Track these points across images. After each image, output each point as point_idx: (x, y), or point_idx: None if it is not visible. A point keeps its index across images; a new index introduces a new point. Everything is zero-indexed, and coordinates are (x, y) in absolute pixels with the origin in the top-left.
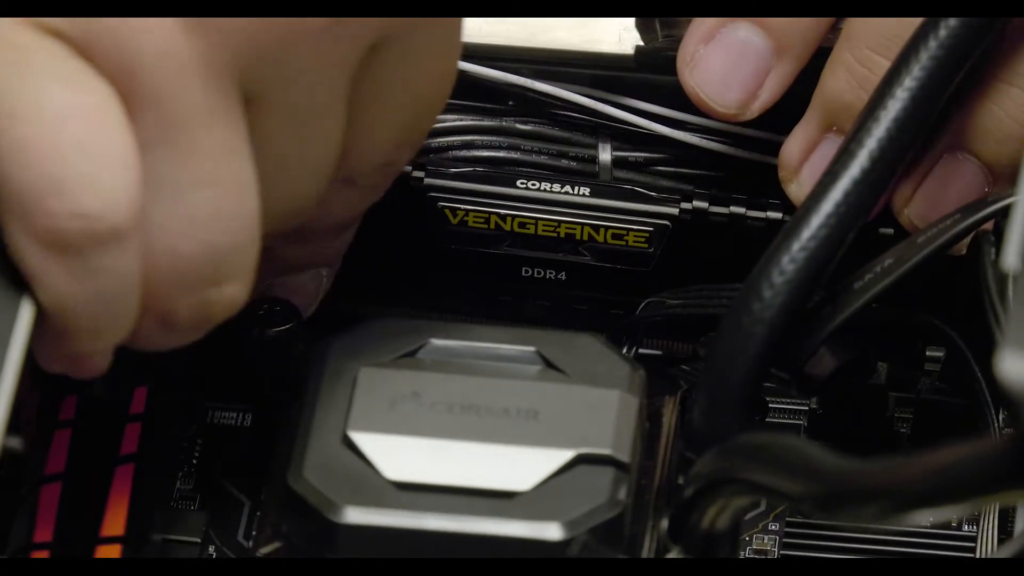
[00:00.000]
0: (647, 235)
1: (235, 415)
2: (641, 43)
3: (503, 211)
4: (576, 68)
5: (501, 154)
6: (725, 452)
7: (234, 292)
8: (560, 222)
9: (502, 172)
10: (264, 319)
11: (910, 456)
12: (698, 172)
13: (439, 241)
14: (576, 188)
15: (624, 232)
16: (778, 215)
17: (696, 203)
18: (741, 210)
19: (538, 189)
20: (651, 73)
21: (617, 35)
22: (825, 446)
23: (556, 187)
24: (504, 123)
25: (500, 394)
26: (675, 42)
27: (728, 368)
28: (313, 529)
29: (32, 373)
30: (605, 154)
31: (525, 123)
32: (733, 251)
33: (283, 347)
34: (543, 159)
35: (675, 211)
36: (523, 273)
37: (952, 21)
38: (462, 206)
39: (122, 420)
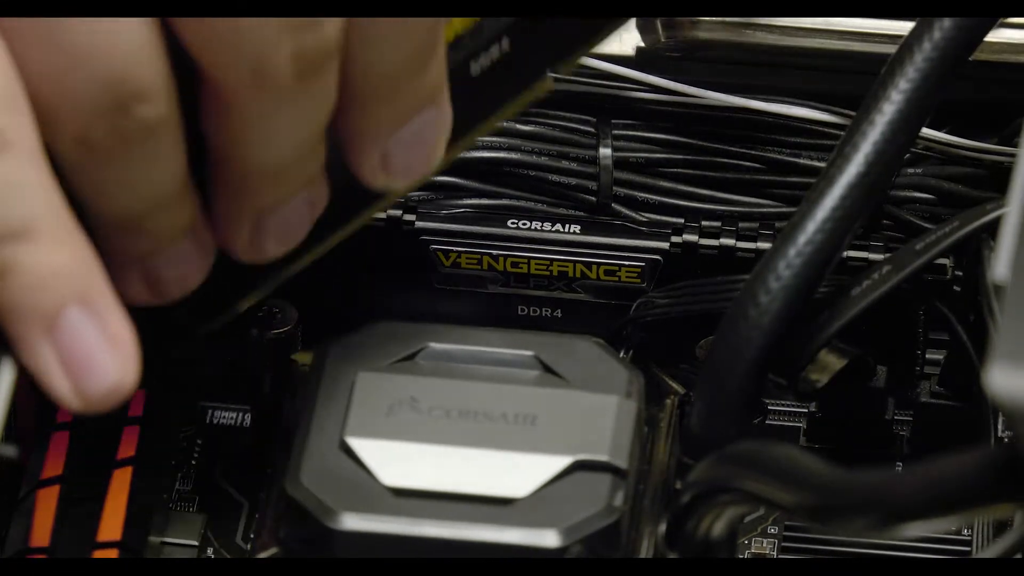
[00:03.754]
0: (639, 270)
1: (234, 415)
2: (642, 44)
3: (495, 252)
4: (577, 68)
5: (501, 155)
6: (720, 460)
7: None
8: (552, 260)
9: (492, 212)
10: (264, 321)
11: (902, 469)
12: (699, 173)
13: (433, 284)
14: (567, 225)
15: (616, 268)
16: (767, 245)
17: (686, 236)
18: (731, 242)
19: (529, 228)
20: (652, 74)
21: (618, 35)
22: (820, 456)
23: (547, 225)
24: (504, 123)
25: (498, 399)
26: (677, 43)
27: (725, 374)
28: (310, 535)
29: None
30: (606, 155)
31: (525, 124)
32: None
33: (282, 349)
34: (543, 160)
35: (666, 245)
36: (519, 312)
37: (946, 23)
38: (455, 248)
39: (120, 423)
